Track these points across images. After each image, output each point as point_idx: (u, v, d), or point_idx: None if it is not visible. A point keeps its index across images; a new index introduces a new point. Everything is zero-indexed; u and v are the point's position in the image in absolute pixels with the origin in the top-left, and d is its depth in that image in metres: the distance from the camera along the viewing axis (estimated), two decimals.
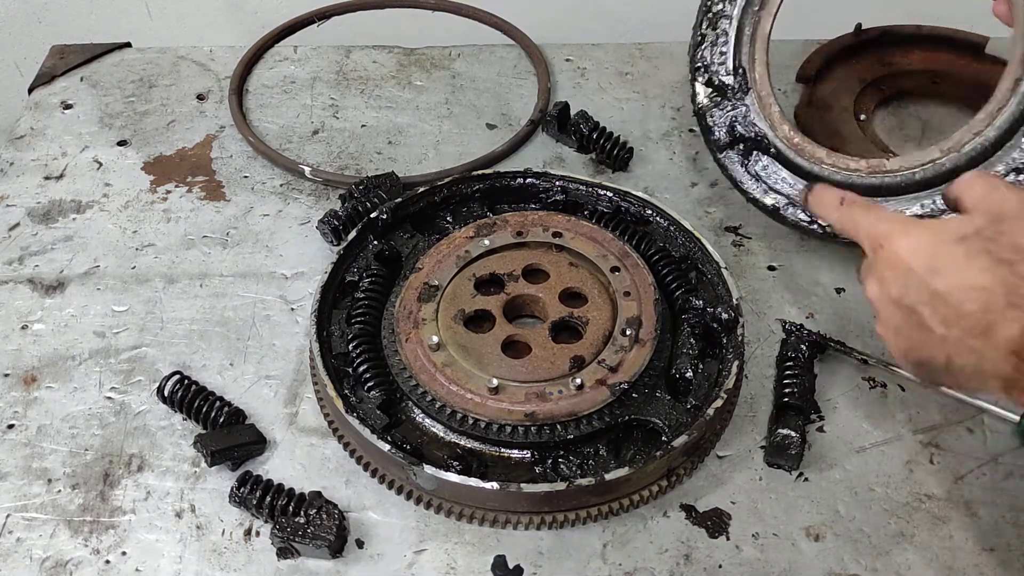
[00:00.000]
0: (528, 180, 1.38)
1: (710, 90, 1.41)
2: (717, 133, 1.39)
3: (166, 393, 1.15)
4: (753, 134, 1.36)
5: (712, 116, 1.40)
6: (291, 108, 1.61)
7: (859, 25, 1.60)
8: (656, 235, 1.32)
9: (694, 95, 1.42)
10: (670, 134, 1.55)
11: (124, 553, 1.05)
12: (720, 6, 1.40)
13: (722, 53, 1.40)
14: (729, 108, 1.39)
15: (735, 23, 1.39)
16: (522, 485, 1.04)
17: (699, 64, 1.41)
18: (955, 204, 0.99)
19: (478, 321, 1.20)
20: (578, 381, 1.12)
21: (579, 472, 1.08)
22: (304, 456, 1.14)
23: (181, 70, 1.67)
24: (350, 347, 1.19)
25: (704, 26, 1.40)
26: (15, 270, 1.35)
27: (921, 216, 1.25)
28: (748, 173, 1.36)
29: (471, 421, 1.10)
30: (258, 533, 1.06)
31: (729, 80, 1.39)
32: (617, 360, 1.14)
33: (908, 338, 0.96)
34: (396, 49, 1.72)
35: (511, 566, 1.03)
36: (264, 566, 1.04)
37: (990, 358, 0.88)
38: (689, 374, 1.16)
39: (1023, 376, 0.87)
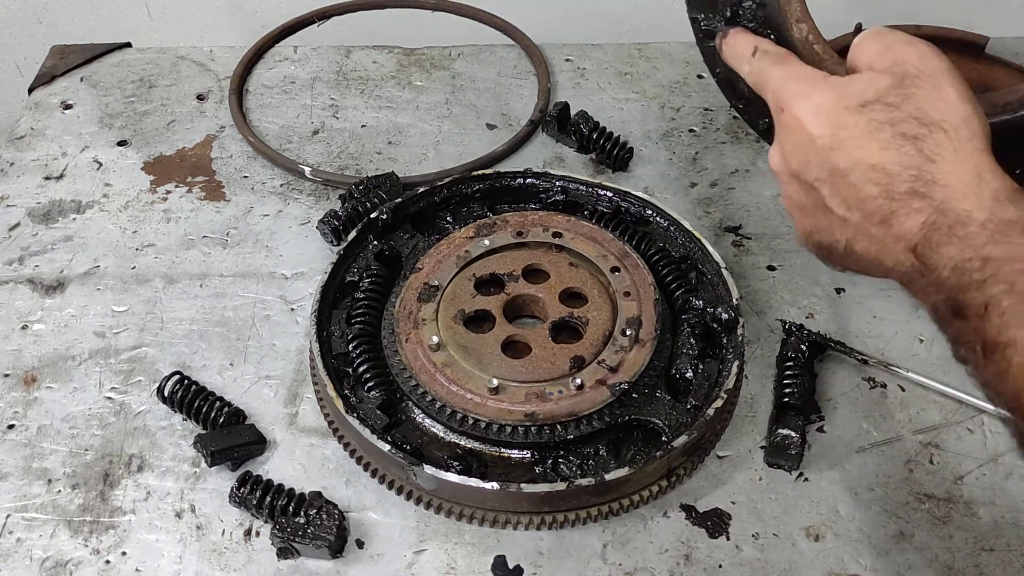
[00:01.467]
0: (528, 180, 1.38)
1: None
2: (710, 12, 1.04)
3: (166, 393, 1.15)
4: (758, 24, 1.03)
5: None
6: (291, 108, 1.61)
7: (859, 25, 1.59)
8: (656, 235, 1.32)
9: None
10: (670, 134, 1.55)
11: (124, 553, 1.05)
12: None
13: None
14: None
15: None
16: (522, 485, 1.04)
17: None
18: (854, 71, 0.89)
19: (478, 321, 1.20)
20: (578, 381, 1.12)
21: (579, 472, 1.08)
22: (304, 456, 1.14)
23: (181, 70, 1.67)
24: (350, 347, 1.19)
25: None
26: (15, 270, 1.35)
27: None
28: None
29: (471, 421, 1.10)
30: (258, 533, 1.06)
31: None
32: (617, 360, 1.14)
33: (811, 218, 0.89)
34: (396, 49, 1.72)
35: (511, 566, 1.03)
36: (264, 566, 1.04)
37: (890, 250, 0.81)
38: (689, 374, 1.16)
39: (921, 276, 0.79)
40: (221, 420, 1.13)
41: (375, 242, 1.30)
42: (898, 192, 0.80)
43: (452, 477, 1.04)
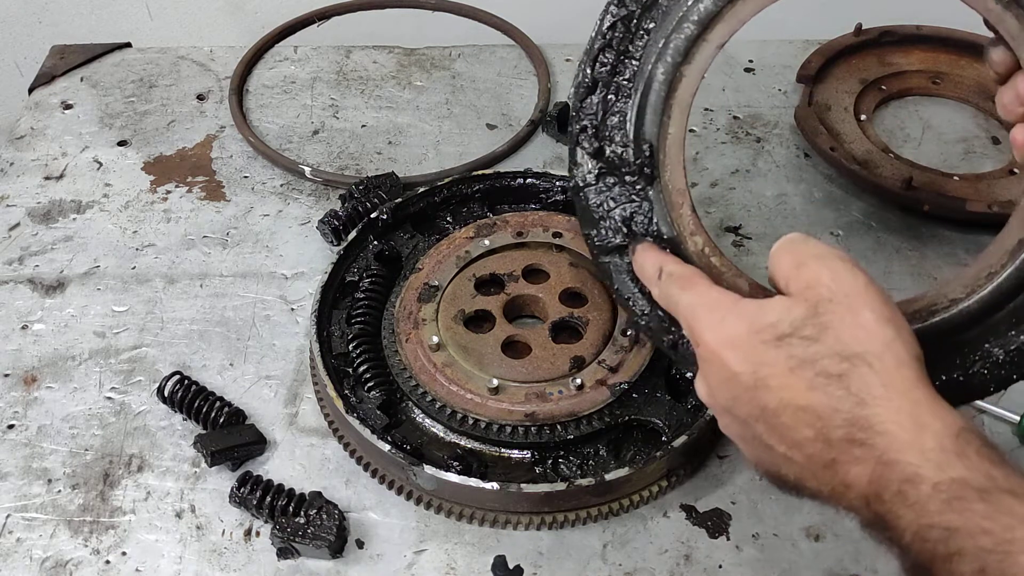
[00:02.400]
0: (528, 180, 1.38)
1: (598, 163, 0.97)
2: (602, 227, 0.98)
3: (166, 393, 1.15)
4: (653, 238, 0.96)
5: (596, 199, 0.98)
6: (291, 108, 1.61)
7: (859, 25, 1.60)
8: None
9: (573, 162, 0.99)
10: None
11: (124, 553, 1.05)
12: (620, 38, 0.95)
13: (619, 114, 0.96)
14: (623, 196, 0.97)
15: (643, 75, 0.94)
16: (522, 485, 1.04)
17: (585, 122, 0.97)
18: (774, 285, 0.82)
19: (478, 321, 1.20)
20: (578, 381, 1.12)
21: (579, 472, 1.08)
22: (304, 456, 1.14)
23: (181, 70, 1.67)
24: (350, 347, 1.19)
25: (596, 67, 0.97)
26: (15, 270, 1.35)
27: None
28: (641, 292, 0.97)
29: (471, 421, 1.10)
30: (258, 533, 1.06)
31: (627, 155, 0.96)
32: (617, 360, 1.14)
33: (753, 450, 0.81)
34: (396, 49, 1.72)
35: (511, 566, 1.03)
36: (264, 566, 1.04)
37: (842, 495, 0.74)
38: (689, 374, 1.16)
39: (883, 531, 0.71)
40: (221, 420, 1.13)
41: (375, 242, 1.30)
42: (834, 438, 0.73)
43: (452, 477, 1.04)
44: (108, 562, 1.04)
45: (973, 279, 0.91)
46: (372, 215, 1.31)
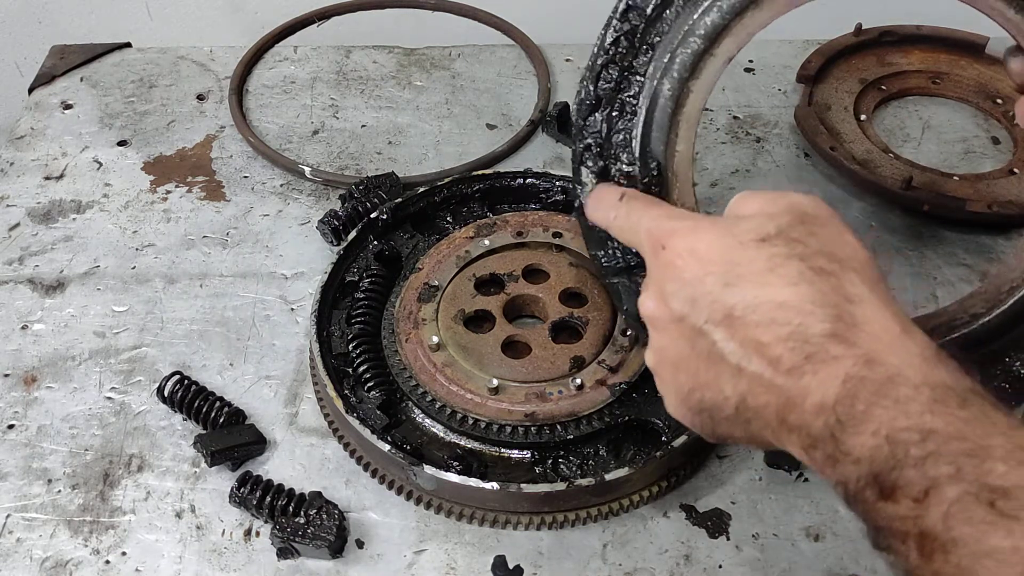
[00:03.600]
0: (528, 180, 1.38)
1: (603, 182, 0.95)
2: (610, 248, 0.95)
3: (166, 393, 1.15)
4: None
5: None
6: (291, 108, 1.61)
7: (859, 25, 1.60)
8: None
9: (578, 181, 0.96)
10: None
11: (124, 553, 1.05)
12: (624, 54, 0.93)
13: (625, 131, 0.93)
14: None
15: (649, 91, 0.92)
16: (522, 485, 1.04)
17: (589, 140, 0.95)
18: None
19: (478, 321, 1.20)
20: (578, 381, 1.12)
21: (579, 472, 1.08)
22: (304, 456, 1.14)
23: (181, 70, 1.68)
24: (350, 347, 1.19)
25: (599, 83, 0.94)
26: (15, 270, 1.35)
27: None
28: None
29: (471, 421, 1.10)
30: (258, 533, 1.06)
31: (634, 173, 0.93)
32: (617, 360, 1.14)
33: (692, 373, 0.76)
34: (396, 49, 1.72)
35: (511, 566, 1.03)
36: (264, 566, 1.04)
37: (796, 406, 0.68)
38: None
39: (834, 442, 0.66)
40: (221, 420, 1.13)
41: (375, 242, 1.30)
42: (813, 334, 0.68)
43: (452, 477, 1.04)
44: (108, 562, 1.04)
45: (995, 293, 0.89)
46: (372, 215, 1.31)
